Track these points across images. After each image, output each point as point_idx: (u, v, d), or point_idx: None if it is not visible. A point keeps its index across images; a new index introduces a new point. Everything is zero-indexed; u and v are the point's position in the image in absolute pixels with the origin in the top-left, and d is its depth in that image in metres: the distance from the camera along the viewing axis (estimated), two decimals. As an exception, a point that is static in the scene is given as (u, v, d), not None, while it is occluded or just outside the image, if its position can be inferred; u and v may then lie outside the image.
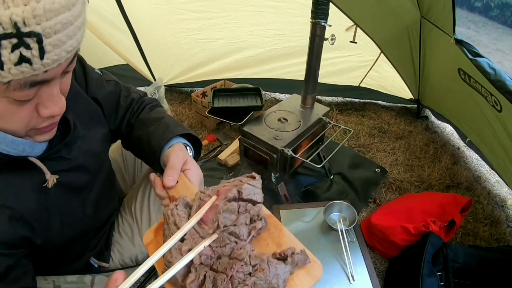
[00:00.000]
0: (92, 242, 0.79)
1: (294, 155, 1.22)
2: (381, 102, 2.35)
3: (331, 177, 1.68)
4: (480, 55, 1.40)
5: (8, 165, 0.53)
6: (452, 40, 1.50)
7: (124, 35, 1.89)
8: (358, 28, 1.68)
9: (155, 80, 2.25)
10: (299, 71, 1.99)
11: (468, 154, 1.93)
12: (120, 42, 1.87)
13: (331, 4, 1.22)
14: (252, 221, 0.46)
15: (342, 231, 1.20)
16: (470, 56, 1.41)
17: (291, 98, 1.56)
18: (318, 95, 2.23)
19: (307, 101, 1.46)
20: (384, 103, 2.35)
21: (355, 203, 1.52)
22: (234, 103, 1.52)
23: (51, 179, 0.57)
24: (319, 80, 1.42)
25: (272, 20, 1.88)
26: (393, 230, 1.25)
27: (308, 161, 1.26)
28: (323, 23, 1.23)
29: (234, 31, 1.96)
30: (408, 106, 2.31)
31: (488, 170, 1.79)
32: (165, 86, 2.30)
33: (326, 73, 2.10)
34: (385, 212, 1.37)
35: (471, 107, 1.63)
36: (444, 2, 1.45)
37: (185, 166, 0.61)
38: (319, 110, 1.46)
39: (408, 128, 2.12)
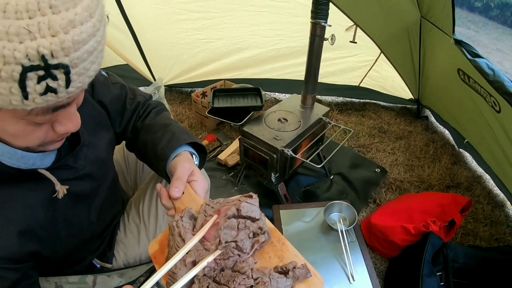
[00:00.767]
0: (95, 244, 0.79)
1: (294, 155, 1.22)
2: (381, 102, 2.35)
3: (331, 177, 1.68)
4: (479, 56, 1.40)
5: (17, 177, 0.53)
6: (452, 40, 1.50)
7: (124, 35, 1.89)
8: (358, 28, 1.68)
9: (155, 80, 2.25)
10: (299, 71, 1.99)
11: (468, 154, 1.93)
12: (120, 42, 1.87)
13: (331, 4, 1.22)
14: (255, 234, 0.47)
15: (342, 231, 1.20)
16: (469, 56, 1.41)
17: (291, 98, 1.56)
18: (318, 95, 2.23)
19: (307, 101, 1.46)
20: (384, 103, 2.35)
21: (355, 203, 1.52)
22: (234, 103, 1.52)
23: (61, 189, 0.56)
24: (319, 80, 1.42)
25: (272, 20, 1.88)
26: (393, 230, 1.25)
27: (308, 161, 1.26)
28: (323, 23, 1.23)
29: (234, 31, 1.96)
30: (408, 106, 2.31)
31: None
32: (165, 86, 2.30)
33: (326, 73, 2.10)
34: (385, 212, 1.37)
35: (470, 107, 1.64)
36: (444, 2, 1.45)
37: (191, 177, 0.61)
38: (319, 110, 1.46)
39: (408, 128, 2.12)
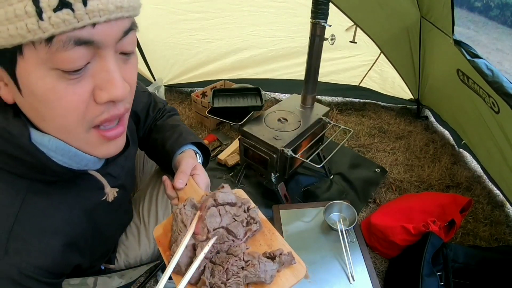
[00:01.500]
0: (110, 250, 0.79)
1: (294, 155, 1.23)
2: (381, 102, 2.35)
3: (331, 177, 1.68)
4: (478, 56, 1.40)
5: (65, 179, 0.51)
6: (451, 40, 1.50)
7: (124, 35, 1.89)
8: (358, 28, 1.68)
9: (155, 80, 2.25)
10: (299, 71, 1.99)
11: (468, 154, 1.93)
12: (120, 42, 1.87)
13: (331, 4, 1.22)
14: (248, 223, 0.52)
15: (342, 231, 1.20)
16: (468, 57, 1.42)
17: (291, 98, 1.56)
18: (318, 95, 2.23)
19: (307, 101, 1.46)
20: (384, 103, 2.35)
21: (355, 203, 1.52)
22: (234, 103, 1.52)
23: (111, 192, 0.56)
24: (319, 79, 1.42)
25: (272, 20, 1.88)
26: (393, 230, 1.25)
27: (308, 161, 1.26)
28: (323, 23, 1.23)
29: (234, 31, 1.96)
30: (408, 106, 2.31)
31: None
32: (165, 86, 2.30)
33: (326, 72, 2.10)
34: (385, 212, 1.37)
35: (469, 108, 1.63)
36: (443, 2, 1.45)
37: (194, 171, 0.66)
38: (319, 110, 1.46)
39: (408, 128, 2.12)
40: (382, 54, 1.98)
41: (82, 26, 0.36)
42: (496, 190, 1.67)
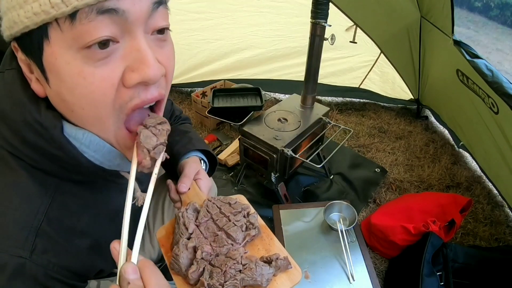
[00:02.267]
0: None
1: (294, 155, 1.23)
2: (381, 102, 2.35)
3: (331, 177, 1.68)
4: (478, 56, 1.40)
5: (93, 179, 0.50)
6: (451, 41, 1.50)
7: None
8: (358, 28, 1.69)
9: (155, 80, 2.24)
10: (299, 71, 1.99)
11: (468, 154, 1.93)
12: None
13: (331, 4, 1.23)
14: (247, 228, 0.54)
15: (342, 231, 1.20)
16: (468, 57, 1.42)
17: (291, 98, 1.56)
18: (318, 96, 2.23)
19: (307, 101, 1.46)
20: (384, 103, 2.35)
21: (355, 203, 1.52)
22: (234, 103, 1.52)
23: (141, 197, 0.54)
24: (319, 81, 1.43)
25: (272, 20, 1.89)
26: (393, 230, 1.25)
27: (308, 161, 1.26)
28: (323, 23, 1.23)
29: (234, 31, 1.96)
30: (408, 106, 2.31)
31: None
32: (165, 86, 2.30)
33: (326, 73, 2.10)
34: (385, 212, 1.37)
35: (469, 108, 1.64)
36: (443, 2, 1.46)
37: (197, 176, 0.67)
38: (319, 110, 1.46)
39: (408, 128, 2.12)
40: (382, 54, 1.98)
41: None
42: (496, 190, 1.68)
